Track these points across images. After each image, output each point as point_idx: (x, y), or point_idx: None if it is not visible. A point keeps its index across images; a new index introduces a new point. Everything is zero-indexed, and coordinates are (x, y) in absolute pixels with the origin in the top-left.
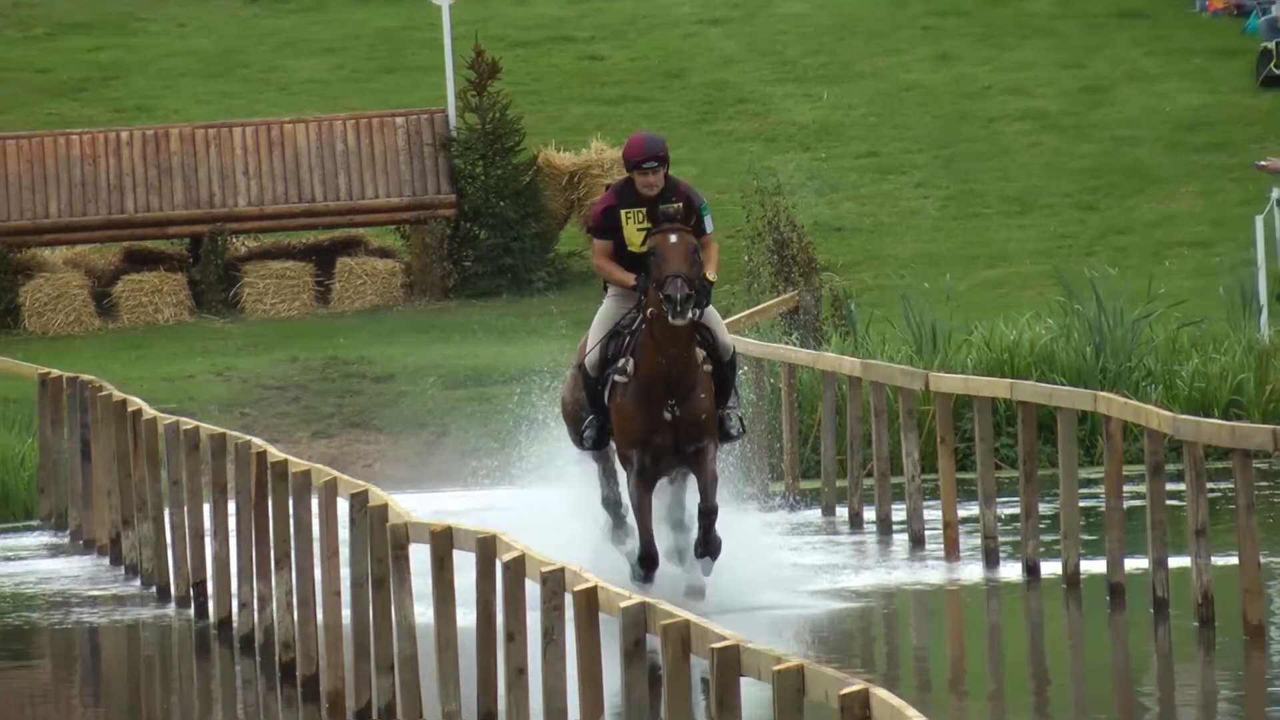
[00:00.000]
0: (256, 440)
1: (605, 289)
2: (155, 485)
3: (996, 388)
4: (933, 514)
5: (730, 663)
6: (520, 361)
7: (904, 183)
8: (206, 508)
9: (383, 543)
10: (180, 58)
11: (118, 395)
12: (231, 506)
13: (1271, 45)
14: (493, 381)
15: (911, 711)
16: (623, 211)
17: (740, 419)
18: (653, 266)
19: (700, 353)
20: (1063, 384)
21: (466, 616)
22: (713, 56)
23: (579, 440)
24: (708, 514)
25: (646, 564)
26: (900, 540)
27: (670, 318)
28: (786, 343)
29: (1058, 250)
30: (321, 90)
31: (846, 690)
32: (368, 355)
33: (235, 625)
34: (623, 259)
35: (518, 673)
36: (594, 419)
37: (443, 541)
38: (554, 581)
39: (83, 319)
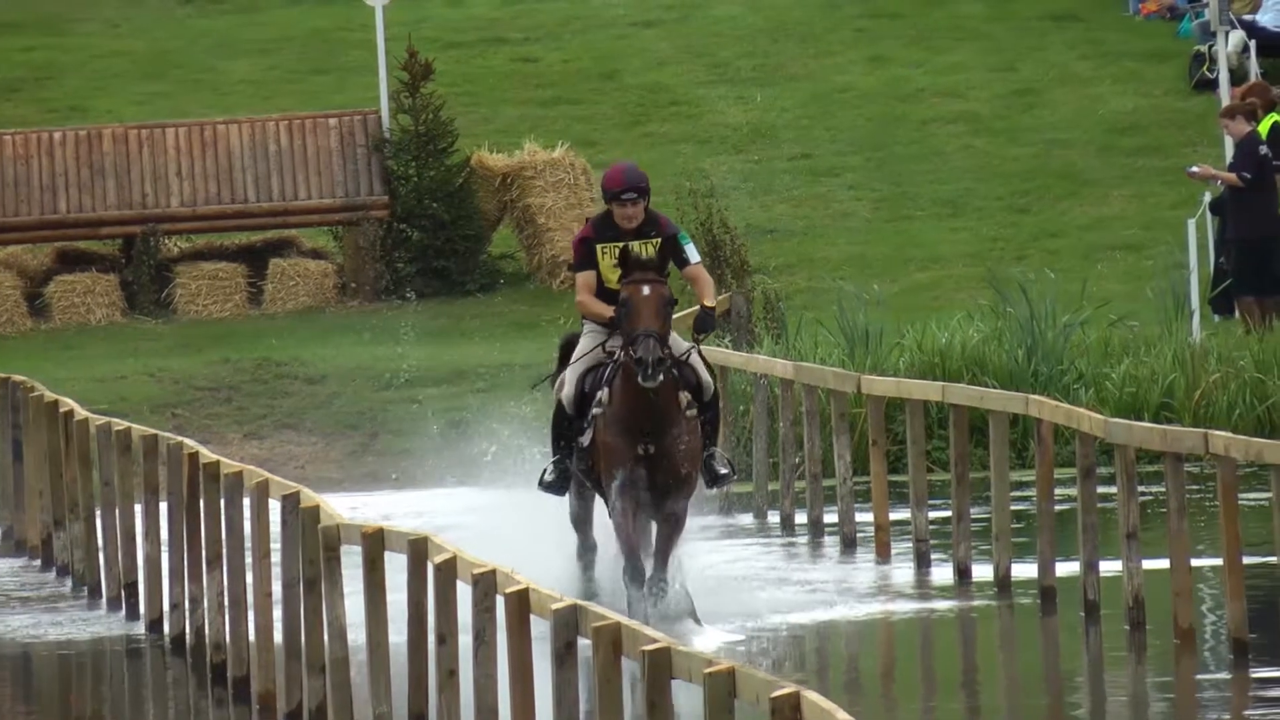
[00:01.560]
0: (188, 441)
1: (583, 323)
2: (87, 486)
3: (928, 390)
4: (865, 517)
5: (661, 665)
6: (453, 363)
7: (836, 185)
8: (138, 509)
9: (314, 544)
10: (113, 58)
11: (49, 396)
12: (163, 507)
13: (1204, 48)
14: (425, 383)
15: (842, 715)
16: (599, 246)
17: (730, 460)
18: (623, 320)
19: (685, 396)
20: (994, 387)
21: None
22: (646, 59)
23: (538, 479)
24: (661, 582)
25: (635, 577)
26: (832, 543)
27: (641, 380)
28: (719, 345)
29: (990, 253)
30: (254, 91)
31: (778, 693)
32: (300, 356)
33: (167, 626)
34: (600, 294)
35: (449, 674)
36: (557, 461)
37: (374, 543)
38: (485, 583)
39: (14, 319)
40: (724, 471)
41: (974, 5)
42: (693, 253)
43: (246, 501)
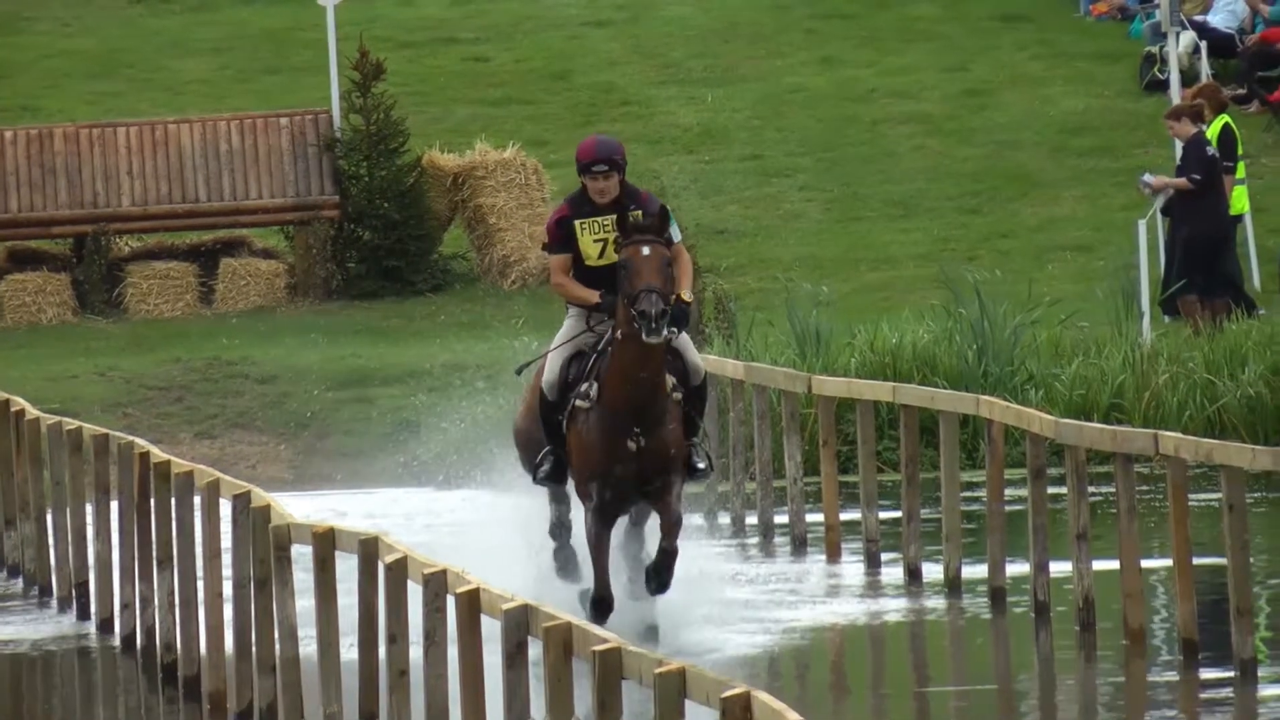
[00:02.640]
0: (139, 441)
1: (566, 307)
2: (38, 485)
3: (879, 391)
4: (815, 517)
5: (612, 665)
6: (404, 363)
7: (788, 185)
8: (89, 508)
9: (265, 544)
10: (64, 57)
11: (0, 395)
12: (114, 507)
13: (1155, 49)
14: (376, 383)
15: (793, 715)
16: (577, 222)
17: (709, 454)
18: (623, 280)
19: (670, 379)
20: (945, 387)
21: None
22: (597, 58)
23: (533, 474)
24: (667, 552)
25: (600, 607)
26: (782, 544)
27: (645, 335)
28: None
29: (941, 254)
30: (206, 90)
31: (728, 693)
32: (251, 356)
33: (118, 626)
34: (580, 275)
35: (399, 674)
36: (550, 451)
37: (325, 543)
38: (436, 583)
39: None
40: (701, 466)
41: (925, 6)
42: (675, 231)
43: (197, 501)
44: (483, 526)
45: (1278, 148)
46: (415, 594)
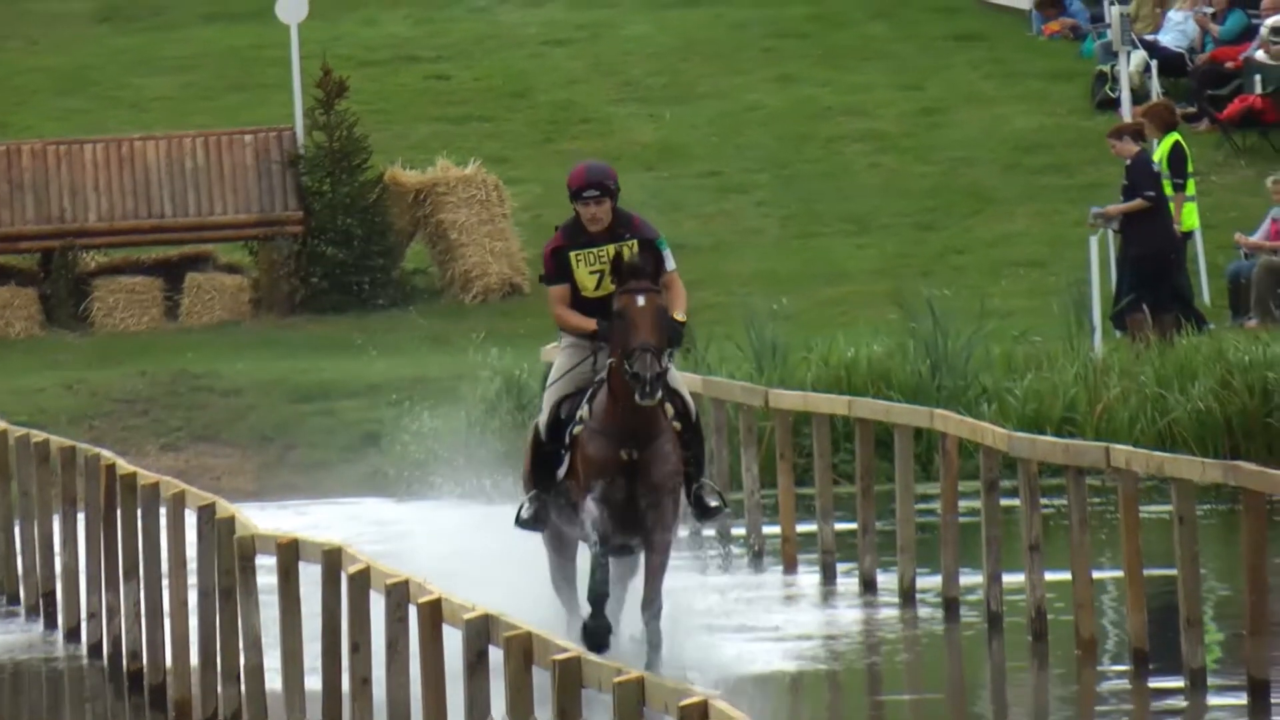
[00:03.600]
0: (106, 453)
1: (560, 337)
2: (5, 497)
3: (835, 405)
4: (772, 529)
5: (572, 674)
6: (366, 377)
7: (745, 202)
8: (56, 519)
9: (230, 554)
10: (32, 74)
11: None
12: (81, 518)
13: (1107, 68)
14: (339, 396)
15: None
16: (572, 254)
17: (719, 492)
18: (617, 332)
19: (669, 408)
20: (900, 401)
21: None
22: (557, 76)
23: (515, 516)
24: (649, 609)
25: (605, 541)
26: (739, 555)
27: (638, 398)
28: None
29: (896, 269)
30: (171, 107)
31: (686, 701)
32: (216, 369)
33: (84, 635)
34: (578, 305)
35: (362, 683)
36: (534, 495)
37: (289, 553)
38: (398, 593)
39: None
40: (714, 504)
41: (880, 25)
42: (669, 259)
43: (163, 512)
44: (444, 536)
45: (1228, 165)
46: (378, 604)
